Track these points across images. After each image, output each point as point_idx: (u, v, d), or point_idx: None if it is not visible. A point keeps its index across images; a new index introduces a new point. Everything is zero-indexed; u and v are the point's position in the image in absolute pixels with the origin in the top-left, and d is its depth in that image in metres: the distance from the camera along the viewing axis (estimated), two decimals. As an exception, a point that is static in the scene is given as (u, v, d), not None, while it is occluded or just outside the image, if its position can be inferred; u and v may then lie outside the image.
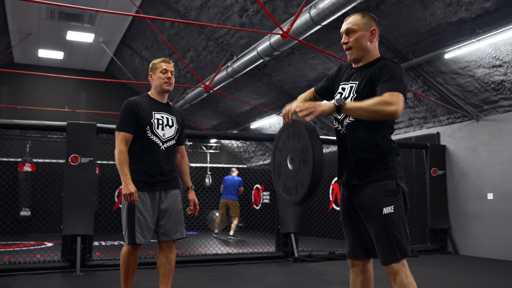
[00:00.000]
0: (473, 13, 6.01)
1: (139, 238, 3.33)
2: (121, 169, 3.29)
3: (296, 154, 2.52)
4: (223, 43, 9.69)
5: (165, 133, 3.47)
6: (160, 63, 3.52)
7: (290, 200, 2.63)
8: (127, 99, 3.51)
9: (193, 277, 5.49)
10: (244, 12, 8.32)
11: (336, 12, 6.44)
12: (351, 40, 2.54)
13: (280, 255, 6.97)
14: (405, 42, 7.11)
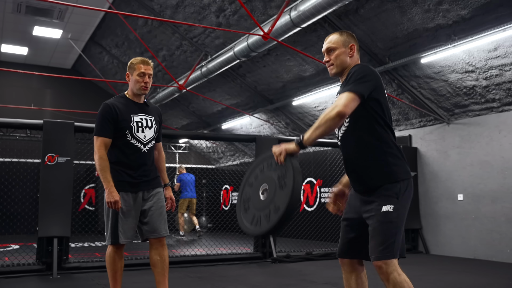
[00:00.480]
0: (449, 20, 6.20)
1: (122, 238, 3.32)
2: (104, 176, 3.25)
3: (271, 183, 2.51)
4: (197, 43, 9.63)
5: (146, 135, 3.43)
6: (138, 64, 3.43)
7: (257, 231, 2.59)
8: (104, 102, 3.43)
9: (176, 278, 5.42)
10: (221, 12, 8.29)
11: (317, 15, 6.52)
12: (332, 57, 2.66)
13: (259, 255, 6.98)
14: (382, 46, 7.27)
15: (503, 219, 6.94)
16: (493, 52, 6.28)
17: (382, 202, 2.43)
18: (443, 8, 6.08)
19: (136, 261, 6.19)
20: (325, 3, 6.24)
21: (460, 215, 7.63)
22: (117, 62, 12.42)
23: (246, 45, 7.91)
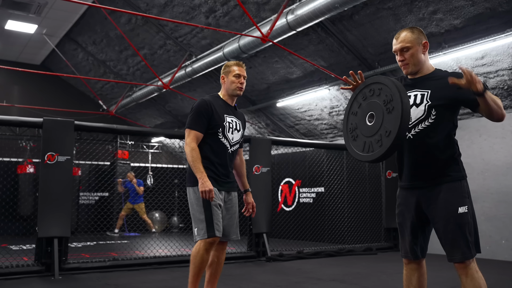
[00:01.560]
0: (442, 28, 6.52)
1: (217, 232, 3.28)
2: (196, 166, 3.26)
3: (378, 109, 2.57)
4: (182, 43, 9.62)
5: (234, 137, 3.50)
6: (233, 66, 3.53)
7: (371, 157, 2.61)
8: (201, 98, 3.49)
9: (181, 278, 5.45)
10: (212, 13, 8.33)
11: (314, 20, 6.70)
12: (406, 56, 2.70)
13: (253, 254, 7.07)
14: (373, 51, 7.53)
15: (483, 218, 7.34)
16: (480, 60, 6.65)
17: (457, 203, 2.56)
18: (437, 17, 6.39)
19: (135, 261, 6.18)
20: (325, 8, 6.43)
21: (441, 214, 7.98)
22: (92, 60, 12.19)
23: (237, 47, 8.00)
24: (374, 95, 2.62)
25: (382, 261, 7.02)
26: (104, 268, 5.91)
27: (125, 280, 5.24)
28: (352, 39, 7.47)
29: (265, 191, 7.35)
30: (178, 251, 7.44)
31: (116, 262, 6.06)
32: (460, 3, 6.04)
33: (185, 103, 12.20)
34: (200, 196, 3.25)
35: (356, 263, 6.75)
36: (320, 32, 7.62)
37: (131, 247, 8.60)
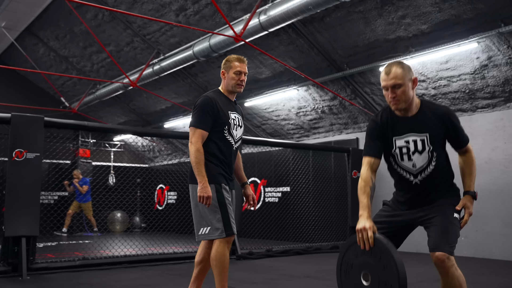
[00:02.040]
0: (410, 33, 6.75)
1: (234, 228, 3.25)
2: (199, 169, 3.19)
3: (375, 279, 2.61)
4: (150, 40, 9.53)
5: (237, 134, 3.45)
6: (234, 62, 3.41)
7: None
8: (204, 94, 3.39)
9: (154, 276, 5.42)
10: (182, 11, 8.30)
11: (287, 20, 6.81)
12: (398, 93, 2.67)
13: (223, 253, 7.08)
14: (342, 53, 7.69)
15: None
16: (444, 65, 6.91)
17: (452, 209, 2.72)
18: (405, 22, 6.61)
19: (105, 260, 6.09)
20: (298, 10, 6.53)
21: (405, 213, 8.24)
22: (54, 55, 11.87)
23: (208, 46, 8.00)
24: (373, 258, 2.62)
25: (349, 258, 7.17)
26: (74, 268, 5.79)
27: (98, 279, 5.15)
28: (322, 41, 7.62)
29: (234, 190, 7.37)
30: (144, 250, 7.37)
31: (86, 262, 5.96)
32: (427, 9, 6.28)
33: (150, 101, 12.07)
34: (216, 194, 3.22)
35: (325, 260, 6.88)
36: (291, 33, 7.72)
37: (95, 247, 8.44)
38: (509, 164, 6.92)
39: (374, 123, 2.87)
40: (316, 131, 9.87)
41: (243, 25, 7.21)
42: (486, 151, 7.15)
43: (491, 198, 7.00)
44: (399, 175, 2.85)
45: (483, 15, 6.05)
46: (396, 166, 2.84)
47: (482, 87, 6.93)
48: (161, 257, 6.58)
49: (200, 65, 9.65)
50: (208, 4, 7.89)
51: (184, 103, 11.26)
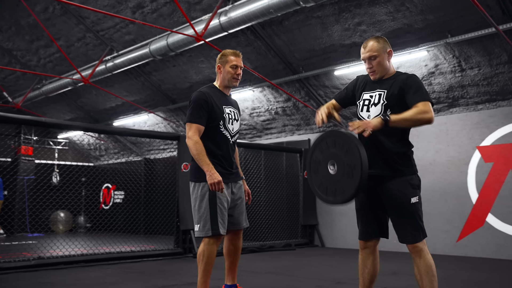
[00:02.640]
0: (364, 39, 7.04)
1: (222, 229, 3.30)
2: (202, 159, 3.23)
3: (340, 164, 2.87)
4: (104, 37, 9.36)
5: (234, 128, 3.50)
6: (230, 56, 3.48)
7: (323, 198, 2.99)
8: (198, 90, 3.44)
9: (115, 274, 5.38)
10: (139, 9, 8.24)
11: (247, 22, 6.94)
12: (374, 64, 3.01)
13: (180, 251, 7.12)
14: (298, 56, 7.92)
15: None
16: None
17: (410, 194, 2.92)
18: (361, 29, 6.92)
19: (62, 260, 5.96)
20: (259, 13, 6.66)
21: (354, 211, 8.55)
22: (-4, 48, 11.37)
23: (166, 44, 7.99)
24: (341, 150, 2.88)
25: (303, 255, 7.42)
26: (29, 268, 5.63)
27: (58, 278, 5.06)
28: (279, 44, 7.81)
29: (193, 189, 7.41)
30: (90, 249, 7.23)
31: (42, 261, 5.81)
32: (382, 18, 6.61)
33: (99, 98, 11.82)
34: (205, 192, 3.29)
35: (280, 257, 7.07)
36: (249, 35, 7.87)
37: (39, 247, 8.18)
38: (451, 166, 7.39)
39: (355, 80, 3.27)
40: (269, 132, 10.07)
41: (202, 25, 7.27)
42: (431, 154, 7.60)
43: (434, 197, 7.45)
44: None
45: (432, 25, 6.45)
46: (357, 117, 3.12)
47: (428, 93, 7.36)
48: (118, 255, 6.52)
49: (154, 63, 9.59)
50: (166, 3, 7.88)
51: (136, 101, 11.14)
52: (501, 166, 7.03)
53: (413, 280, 4.67)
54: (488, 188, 7.10)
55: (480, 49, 6.45)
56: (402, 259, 6.54)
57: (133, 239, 9.91)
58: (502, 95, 6.92)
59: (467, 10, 6.03)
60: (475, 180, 7.22)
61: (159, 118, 11.46)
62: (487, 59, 6.54)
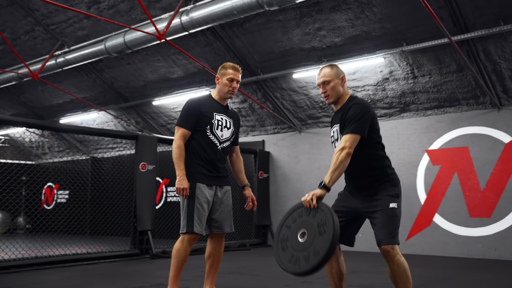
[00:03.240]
0: (324, 44, 7.26)
1: (197, 227, 3.46)
2: (178, 163, 3.45)
3: (310, 228, 2.86)
4: (55, 31, 9.04)
5: (223, 134, 3.63)
6: (229, 69, 3.66)
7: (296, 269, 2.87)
8: (191, 98, 3.65)
9: (74, 276, 5.24)
10: (95, 4, 8.03)
11: (210, 23, 6.94)
12: (328, 89, 3.16)
13: (137, 252, 7.02)
14: (257, 58, 8.01)
15: (344, 214, 8.30)
16: (352, 75, 7.55)
17: (389, 200, 3.05)
18: (321, 34, 7.11)
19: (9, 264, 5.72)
20: (222, 14, 6.68)
21: (307, 212, 8.79)
22: None
23: (123, 41, 7.83)
24: (309, 215, 2.91)
25: (259, 255, 7.52)
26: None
27: (15, 283, 4.84)
28: (239, 45, 7.87)
29: (150, 189, 7.33)
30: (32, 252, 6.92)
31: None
32: (342, 24, 6.83)
33: (46, 95, 11.38)
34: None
35: (237, 258, 7.13)
36: (209, 36, 7.87)
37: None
38: (402, 168, 7.73)
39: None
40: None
41: (162, 23, 7.19)
42: (383, 156, 7.91)
43: (386, 198, 7.77)
44: None
45: (389, 34, 6.74)
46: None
47: (382, 98, 7.69)
48: (74, 257, 6.33)
49: (108, 60, 9.37)
50: (125, 0, 7.73)
51: (86, 98, 10.81)
52: (447, 169, 7.45)
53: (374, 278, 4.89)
54: (436, 190, 7.50)
55: (432, 58, 6.81)
56: (359, 258, 6.79)
57: (79, 241, 9.62)
58: (450, 102, 7.33)
59: (422, 21, 6.34)
60: (423, 182, 7.61)
61: (110, 116, 11.20)
62: (438, 68, 6.91)
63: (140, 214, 7.09)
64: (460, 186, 7.29)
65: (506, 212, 6.85)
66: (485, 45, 6.36)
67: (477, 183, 7.17)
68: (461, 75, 6.88)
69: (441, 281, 5.03)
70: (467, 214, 7.18)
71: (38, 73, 8.86)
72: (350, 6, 6.53)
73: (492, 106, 7.08)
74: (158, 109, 10.31)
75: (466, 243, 7.10)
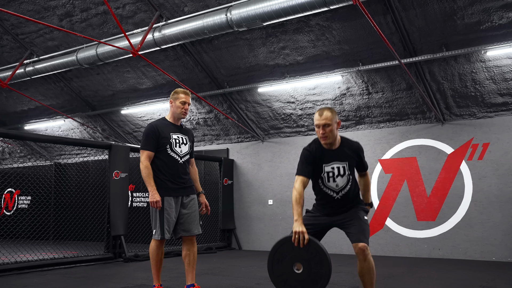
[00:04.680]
0: (287, 61, 7.87)
1: (167, 234, 4.06)
2: (148, 181, 3.99)
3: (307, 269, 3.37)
4: (24, 40, 9.23)
5: (182, 150, 4.19)
6: (181, 94, 4.23)
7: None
8: (149, 123, 4.17)
9: (61, 280, 5.55)
10: (68, 17, 8.32)
11: (181, 40, 7.43)
12: (327, 131, 3.60)
13: (110, 256, 7.36)
14: (224, 73, 8.53)
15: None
16: (312, 90, 8.19)
17: (362, 213, 3.69)
18: (284, 52, 7.71)
19: None
20: (193, 32, 7.19)
21: (270, 216, 9.39)
22: None
23: (95, 54, 8.17)
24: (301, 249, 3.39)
25: (225, 258, 8.01)
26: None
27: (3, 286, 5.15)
28: (207, 60, 8.36)
29: (123, 195, 7.69)
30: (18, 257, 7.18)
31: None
32: (304, 44, 7.45)
33: (10, 101, 11.46)
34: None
35: (206, 260, 7.59)
36: (179, 50, 8.32)
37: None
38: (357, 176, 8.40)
39: (308, 152, 3.71)
40: (189, 141, 10.52)
41: (134, 38, 7.60)
42: (340, 164, 8.60)
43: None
44: (324, 193, 3.74)
45: (347, 54, 7.42)
46: (323, 186, 3.72)
47: (339, 111, 8.37)
48: (51, 262, 6.62)
49: (77, 70, 9.63)
50: (98, 14, 8.08)
51: (53, 105, 10.99)
52: (398, 177, 8.21)
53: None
54: (387, 196, 8.25)
55: (384, 77, 7.54)
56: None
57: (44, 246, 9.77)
58: (400, 116, 8.09)
59: (376, 44, 7.05)
60: (376, 188, 8.33)
61: (75, 123, 11.41)
62: (390, 86, 7.65)
63: (113, 219, 7.45)
64: (409, 193, 8.06)
65: (449, 215, 7.65)
66: (430, 68, 7.13)
67: (424, 189, 7.95)
68: (410, 93, 7.64)
69: (392, 277, 5.70)
70: (415, 218, 7.95)
71: (7, 81, 9.03)
72: (312, 28, 7.16)
73: (437, 121, 7.89)
74: (126, 117, 10.63)
75: (414, 244, 7.86)
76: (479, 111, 7.50)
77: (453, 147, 7.78)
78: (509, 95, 7.11)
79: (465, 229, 7.49)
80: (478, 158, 7.58)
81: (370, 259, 3.57)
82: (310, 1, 6.02)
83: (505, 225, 7.21)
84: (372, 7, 6.47)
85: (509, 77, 6.85)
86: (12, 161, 13.99)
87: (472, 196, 7.53)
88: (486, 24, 6.31)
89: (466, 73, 7.03)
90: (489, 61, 6.74)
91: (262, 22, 6.56)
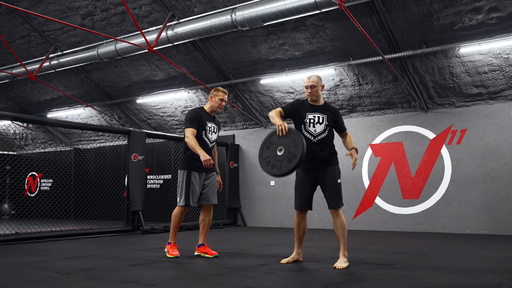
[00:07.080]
0: (286, 56, 8.77)
1: (191, 202, 4.93)
2: (197, 148, 4.70)
3: (287, 150, 4.29)
4: (50, 37, 10.19)
5: (212, 137, 5.08)
6: (220, 92, 5.09)
7: (264, 167, 4.33)
8: (192, 109, 5.03)
9: (91, 244, 6.54)
10: (89, 16, 9.26)
11: (191, 38, 8.32)
12: (313, 91, 4.55)
13: (130, 229, 8.38)
14: (230, 66, 9.45)
15: (302, 198, 9.88)
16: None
17: (337, 177, 4.54)
18: (284, 48, 8.61)
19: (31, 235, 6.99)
20: (202, 31, 8.09)
21: (271, 196, 10.35)
22: None
23: (114, 49, 9.11)
24: (284, 137, 4.29)
25: (232, 232, 8.99)
26: (10, 242, 6.62)
27: (45, 247, 6.14)
28: (215, 55, 9.28)
29: (140, 175, 8.68)
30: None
31: (19, 236, 6.79)
32: (301, 41, 8.35)
33: (34, 91, 12.46)
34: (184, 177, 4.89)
35: (214, 234, 8.57)
36: (189, 46, 9.24)
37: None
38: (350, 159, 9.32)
39: (297, 101, 4.70)
40: (198, 127, 11.48)
41: (149, 36, 8.53)
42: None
43: (337, 184, 9.38)
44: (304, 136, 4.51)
45: (339, 50, 8.31)
46: (304, 130, 4.57)
47: (334, 101, 9.27)
48: (80, 232, 7.66)
49: (96, 63, 10.59)
50: (117, 14, 9.01)
51: (73, 95, 11.99)
52: (386, 160, 9.12)
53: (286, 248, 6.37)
54: (377, 177, 9.17)
55: (373, 70, 8.42)
56: (314, 233, 8.33)
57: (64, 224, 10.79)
58: (388, 105, 8.98)
59: (364, 41, 7.93)
60: (367, 170, 9.26)
61: (94, 111, 12.40)
62: (378, 78, 8.53)
63: (132, 197, 8.45)
64: (396, 174, 8.98)
65: (430, 194, 8.57)
66: (413, 62, 8.01)
67: (409, 171, 8.87)
68: (396, 84, 8.53)
69: (373, 244, 6.66)
70: (401, 196, 8.88)
71: (35, 73, 10.02)
72: (307, 27, 8.05)
73: (421, 109, 8.78)
74: (140, 106, 11.60)
75: (399, 220, 8.80)
76: (458, 101, 8.38)
77: (435, 133, 8.67)
78: (482, 87, 7.99)
79: (444, 206, 8.41)
80: (456, 142, 8.47)
81: (341, 217, 4.50)
82: (304, 5, 6.92)
83: (479, 202, 8.12)
84: (360, 9, 7.34)
85: (481, 71, 7.73)
86: (35, 146, 15.04)
87: (451, 177, 8.44)
88: (459, 25, 7.18)
89: (444, 67, 7.91)
90: (463, 56, 7.61)
91: (263, 23, 7.46)
